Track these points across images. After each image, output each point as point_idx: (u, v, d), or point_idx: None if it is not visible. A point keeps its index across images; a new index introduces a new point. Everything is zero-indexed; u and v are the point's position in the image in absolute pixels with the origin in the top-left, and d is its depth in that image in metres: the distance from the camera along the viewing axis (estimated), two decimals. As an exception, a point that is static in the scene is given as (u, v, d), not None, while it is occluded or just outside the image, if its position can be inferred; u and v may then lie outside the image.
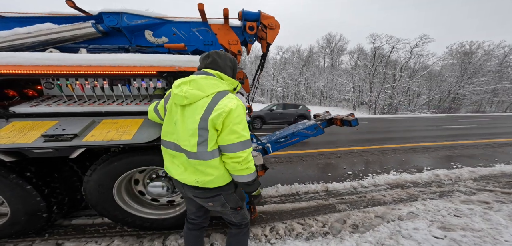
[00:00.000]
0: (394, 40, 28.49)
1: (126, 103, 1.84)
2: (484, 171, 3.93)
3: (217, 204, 1.23)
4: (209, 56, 1.17)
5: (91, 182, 1.77)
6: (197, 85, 1.06)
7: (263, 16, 2.38)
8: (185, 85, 1.06)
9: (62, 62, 1.57)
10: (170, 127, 1.16)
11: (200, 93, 1.05)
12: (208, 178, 1.10)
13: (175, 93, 1.07)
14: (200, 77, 1.09)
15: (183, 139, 1.07)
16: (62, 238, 2.04)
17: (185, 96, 1.04)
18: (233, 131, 1.04)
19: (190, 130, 1.04)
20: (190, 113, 1.05)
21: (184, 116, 1.07)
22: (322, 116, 3.36)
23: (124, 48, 2.31)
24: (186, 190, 1.22)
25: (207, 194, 1.18)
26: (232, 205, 1.26)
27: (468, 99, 31.55)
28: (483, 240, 1.89)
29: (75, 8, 2.05)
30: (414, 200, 2.88)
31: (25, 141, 1.42)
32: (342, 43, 40.37)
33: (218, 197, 1.20)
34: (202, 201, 1.24)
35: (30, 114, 1.66)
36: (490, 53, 30.77)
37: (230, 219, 1.36)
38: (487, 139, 7.55)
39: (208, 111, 1.02)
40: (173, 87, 1.10)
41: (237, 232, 1.39)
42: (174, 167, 1.19)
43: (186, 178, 1.14)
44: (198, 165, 1.08)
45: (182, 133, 1.07)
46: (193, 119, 1.04)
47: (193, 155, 1.07)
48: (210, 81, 1.09)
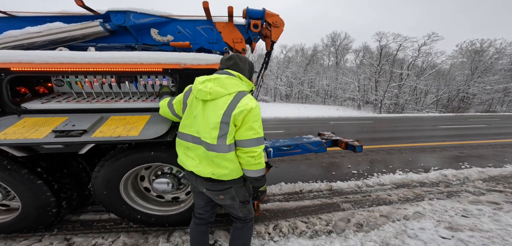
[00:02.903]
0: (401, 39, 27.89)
1: (133, 100, 1.87)
2: (494, 172, 3.82)
3: (227, 197, 1.28)
4: (231, 59, 1.26)
5: (99, 177, 1.82)
6: (221, 83, 1.15)
7: (267, 14, 2.37)
8: (209, 82, 1.15)
9: (73, 60, 1.61)
10: (189, 120, 1.23)
11: (223, 91, 1.13)
12: (223, 171, 1.17)
13: (199, 89, 1.15)
14: (224, 76, 1.19)
15: (203, 132, 1.15)
16: (70, 233, 2.09)
17: (209, 92, 1.12)
18: (251, 128, 1.12)
19: (212, 123, 1.11)
20: (212, 108, 1.13)
21: (205, 111, 1.15)
22: (328, 136, 3.43)
23: (130, 46, 2.35)
24: (198, 183, 1.27)
25: (219, 187, 1.23)
26: (241, 198, 1.32)
27: (478, 98, 30.63)
28: (491, 241, 1.85)
29: (84, 7, 2.10)
30: (420, 200, 2.83)
31: (36, 136, 1.46)
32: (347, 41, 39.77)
33: (229, 190, 1.25)
34: (213, 194, 1.29)
35: (41, 110, 1.71)
36: (502, 51, 29.72)
37: (237, 213, 1.41)
38: (498, 139, 7.33)
39: (231, 108, 1.10)
40: (197, 83, 1.17)
41: (242, 226, 1.45)
42: (189, 159, 1.25)
43: (202, 170, 1.20)
44: (215, 157, 1.15)
45: (203, 126, 1.15)
46: (215, 114, 1.11)
47: (212, 147, 1.13)
48: (232, 81, 1.18)
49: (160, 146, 1.80)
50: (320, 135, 3.71)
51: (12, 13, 2.23)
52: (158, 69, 1.69)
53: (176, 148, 1.35)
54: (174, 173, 2.11)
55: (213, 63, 1.75)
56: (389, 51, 29.43)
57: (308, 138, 3.40)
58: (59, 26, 2.11)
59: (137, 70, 1.68)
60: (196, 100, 1.20)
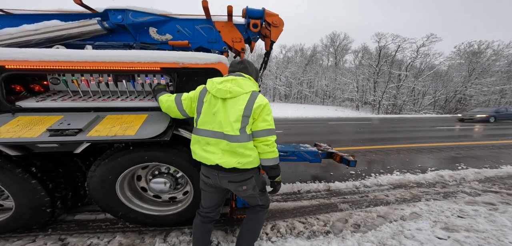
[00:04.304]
0: (400, 40, 28.07)
1: (130, 99, 1.86)
2: (490, 172, 3.86)
3: (249, 187, 1.42)
4: (242, 63, 1.46)
5: (94, 177, 1.80)
6: (238, 83, 1.33)
7: (267, 14, 2.37)
8: (227, 83, 1.32)
9: (69, 58, 1.59)
10: (207, 117, 1.35)
11: (241, 90, 1.31)
12: (247, 159, 1.31)
13: (218, 88, 1.30)
14: (240, 78, 1.37)
15: (225, 125, 1.29)
16: (65, 233, 2.07)
17: (229, 91, 1.29)
18: (265, 120, 1.32)
19: (234, 117, 1.27)
20: (233, 104, 1.29)
21: (226, 108, 1.30)
22: (324, 148, 3.51)
23: (128, 45, 2.33)
24: (221, 177, 1.37)
25: (243, 177, 1.37)
26: (260, 187, 1.49)
27: (475, 100, 30.93)
28: (487, 241, 1.86)
29: (82, 5, 2.08)
30: (417, 200, 2.84)
31: (30, 135, 1.44)
32: (347, 42, 39.95)
33: (251, 180, 1.40)
34: (236, 186, 1.40)
35: (36, 109, 1.69)
36: (499, 53, 30.05)
37: (257, 202, 1.55)
38: (494, 140, 7.40)
39: (251, 103, 1.29)
40: (215, 84, 1.33)
41: (260, 210, 1.60)
42: (209, 154, 1.34)
43: (227, 161, 1.30)
44: (239, 147, 1.29)
45: (225, 120, 1.29)
46: (236, 109, 1.28)
47: (235, 138, 1.28)
48: (247, 82, 1.37)
49: (157, 145, 1.79)
50: (316, 145, 3.79)
51: (8, 11, 2.21)
52: (156, 68, 1.68)
53: (191, 146, 1.44)
54: (171, 173, 2.10)
55: (211, 62, 1.73)
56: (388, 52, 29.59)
57: (305, 147, 3.48)
58: (56, 24, 2.09)
59: (135, 69, 1.67)
60: (215, 99, 1.33)
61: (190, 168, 1.88)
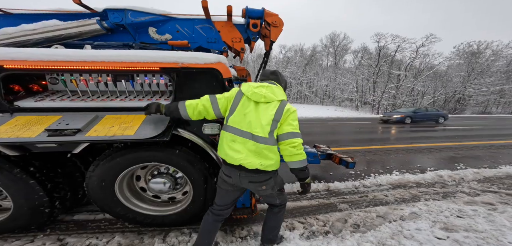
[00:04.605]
0: (400, 40, 28.11)
1: (130, 99, 1.85)
2: (489, 172, 3.87)
3: (269, 186, 1.51)
4: (275, 73, 1.61)
5: (93, 177, 1.79)
6: (272, 90, 1.45)
7: (267, 14, 2.37)
8: (263, 89, 1.44)
9: (68, 58, 1.58)
10: (238, 117, 1.44)
11: (273, 97, 1.43)
12: (269, 162, 1.41)
13: (254, 92, 1.43)
14: (274, 85, 1.50)
15: (255, 127, 1.38)
16: (63, 234, 2.06)
17: (264, 96, 1.41)
18: (290, 124, 1.41)
19: (266, 121, 1.38)
20: (264, 109, 1.41)
21: (257, 111, 1.41)
22: (323, 149, 3.50)
23: (128, 45, 2.32)
24: (242, 177, 1.44)
25: (263, 178, 1.46)
26: (278, 186, 1.59)
27: (474, 100, 31.01)
28: (486, 241, 1.86)
29: (81, 4, 2.07)
30: (416, 200, 2.85)
31: (29, 135, 1.44)
32: (346, 42, 39.96)
33: (270, 180, 1.50)
34: (256, 186, 1.49)
35: (34, 109, 1.68)
36: (498, 53, 30.12)
37: (275, 201, 1.66)
38: (493, 140, 7.42)
39: (281, 110, 1.40)
40: (252, 87, 1.45)
41: (278, 211, 1.72)
42: (235, 152, 1.41)
43: (251, 162, 1.38)
44: (265, 149, 1.39)
45: (255, 122, 1.39)
46: (268, 113, 1.39)
47: (264, 139, 1.38)
48: (279, 90, 1.50)
49: (157, 145, 1.78)
50: (316, 146, 3.79)
51: (7, 10, 2.20)
52: (155, 68, 1.67)
53: (219, 141, 1.54)
54: (171, 173, 2.10)
55: (211, 62, 1.73)
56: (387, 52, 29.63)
57: (304, 148, 3.47)
58: (54, 23, 2.08)
59: (134, 69, 1.66)
60: (248, 101, 1.44)
61: (190, 168, 1.88)
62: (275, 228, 1.80)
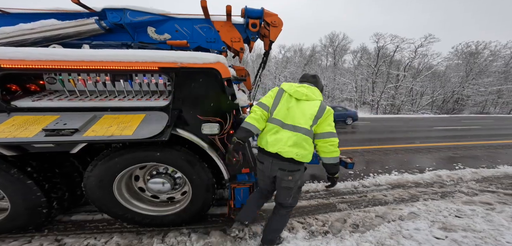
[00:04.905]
0: (399, 40, 28.18)
1: (128, 99, 1.84)
2: (487, 172, 3.89)
3: (294, 179, 1.65)
4: (314, 77, 1.79)
5: (91, 177, 1.78)
6: (312, 91, 1.66)
7: (266, 14, 2.36)
8: (303, 89, 1.64)
9: (65, 58, 1.58)
10: (282, 111, 1.63)
11: (313, 96, 1.63)
12: (305, 152, 1.58)
13: (297, 90, 1.64)
14: (313, 87, 1.70)
15: (299, 119, 1.57)
16: (61, 234, 2.05)
17: (305, 94, 1.61)
18: (330, 124, 1.61)
19: (309, 115, 1.57)
20: (306, 105, 1.60)
21: (299, 107, 1.61)
22: None
23: (126, 44, 2.31)
24: (273, 165, 1.63)
25: (293, 168, 1.61)
26: (300, 184, 1.73)
27: (472, 100, 31.13)
28: (484, 241, 1.87)
29: (79, 4, 2.06)
30: (415, 200, 2.86)
31: (26, 135, 1.43)
32: (346, 42, 39.95)
33: (298, 172, 1.65)
34: (284, 174, 1.62)
35: (32, 108, 1.67)
36: (496, 53, 30.25)
37: (288, 199, 1.73)
38: (491, 140, 7.46)
39: (322, 109, 1.59)
40: (294, 86, 1.66)
41: (285, 213, 1.81)
42: (276, 141, 1.59)
43: (288, 151, 1.55)
44: (303, 140, 1.56)
45: (299, 116, 1.58)
46: (311, 110, 1.58)
47: (305, 130, 1.56)
48: (317, 92, 1.69)
49: (155, 145, 1.77)
50: None
51: (4, 10, 2.18)
52: (154, 68, 1.67)
53: (262, 132, 1.69)
54: (170, 173, 2.09)
55: (210, 62, 1.73)
56: (386, 53, 29.69)
57: None
58: (52, 23, 2.07)
59: (133, 69, 1.65)
60: (290, 97, 1.64)
61: (189, 168, 1.87)
62: (277, 230, 1.87)
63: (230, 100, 1.82)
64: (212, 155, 1.89)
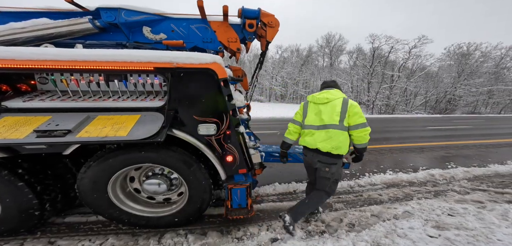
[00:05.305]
0: (393, 41, 28.58)
1: (123, 99, 1.82)
2: (478, 171, 3.98)
3: (331, 170, 1.99)
4: (334, 81, 2.17)
5: (85, 179, 1.75)
6: (331, 93, 2.00)
7: (263, 14, 2.36)
8: (324, 94, 2.01)
9: (58, 57, 1.54)
10: (311, 117, 2.05)
11: (334, 97, 1.96)
12: (338, 144, 1.89)
13: (319, 98, 2.02)
14: (332, 90, 2.06)
15: (328, 119, 1.92)
16: (55, 236, 2.01)
17: (326, 98, 1.98)
18: (360, 116, 1.89)
19: (334, 113, 1.90)
20: (330, 106, 1.95)
21: (325, 109, 1.96)
22: None
23: (121, 44, 2.28)
24: (314, 157, 2.02)
25: (330, 161, 1.96)
26: (336, 176, 2.05)
27: (464, 100, 31.82)
28: (476, 239, 1.91)
29: (72, 3, 2.02)
30: (409, 199, 2.91)
31: (16, 136, 1.39)
32: (342, 43, 40.37)
33: (336, 165, 1.99)
34: (322, 166, 1.99)
35: (22, 109, 1.63)
36: (487, 54, 30.99)
37: (325, 187, 2.06)
38: (482, 140, 7.65)
39: (345, 104, 1.91)
40: (316, 96, 2.06)
41: (324, 194, 2.10)
42: (312, 140, 1.99)
43: (325, 146, 1.91)
44: (335, 134, 1.89)
45: (325, 116, 1.94)
46: (335, 108, 1.91)
47: (334, 125, 1.89)
48: (336, 92, 2.01)
49: (151, 146, 1.75)
50: None
51: (-6, 7, 2.12)
52: (149, 68, 1.65)
53: (301, 135, 2.18)
54: (166, 174, 2.07)
55: (206, 62, 1.71)
56: (381, 53, 30.08)
57: (299, 148, 3.50)
58: (44, 22, 2.02)
59: (127, 69, 1.63)
60: (315, 105, 2.05)
61: (185, 169, 1.86)
62: (309, 206, 2.12)
63: (226, 101, 1.82)
64: (209, 156, 1.88)
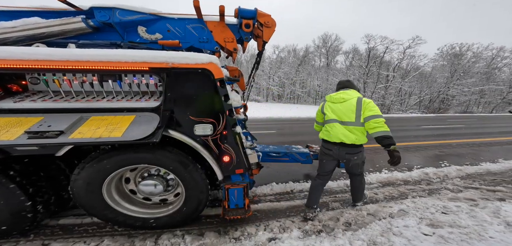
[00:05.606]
0: (388, 41, 28.98)
1: (117, 100, 1.79)
2: (471, 169, 4.06)
3: (359, 157, 2.26)
4: (349, 81, 2.36)
5: (79, 180, 1.72)
6: (347, 93, 2.20)
7: (259, 14, 2.36)
8: (340, 94, 2.22)
9: (49, 57, 1.51)
10: (330, 114, 2.24)
11: (349, 97, 2.16)
12: (357, 136, 2.11)
13: (336, 98, 2.23)
14: (348, 90, 2.27)
15: (345, 116, 2.14)
16: (48, 239, 1.98)
17: (342, 98, 2.18)
18: (371, 110, 2.06)
19: (350, 111, 2.11)
20: (347, 105, 2.14)
21: (343, 107, 2.16)
22: (315, 149, 3.64)
23: (116, 44, 2.25)
24: (340, 150, 2.21)
25: (356, 150, 2.20)
26: (363, 159, 2.35)
27: (457, 100, 32.48)
28: (469, 236, 1.95)
29: (65, 2, 1.99)
30: (404, 197, 2.95)
31: (7, 137, 1.36)
32: (338, 43, 40.68)
33: (361, 153, 2.26)
34: (351, 155, 2.21)
35: (13, 110, 1.60)
36: (478, 55, 31.71)
37: (357, 170, 2.36)
38: (474, 138, 7.81)
39: (360, 102, 2.11)
40: (333, 96, 2.28)
41: (360, 179, 2.48)
42: (334, 134, 2.18)
43: (348, 138, 2.11)
44: (354, 129, 2.11)
45: (343, 113, 2.15)
46: (350, 108, 2.12)
47: (351, 123, 2.11)
48: (352, 92, 2.21)
49: (146, 147, 1.73)
50: (308, 147, 3.84)
51: (-18, 6, 2.06)
52: (144, 68, 1.63)
53: (322, 129, 2.38)
54: (162, 175, 2.05)
55: (202, 62, 1.70)
56: (376, 54, 30.45)
57: (297, 148, 3.53)
58: (36, 21, 1.98)
59: (121, 69, 1.61)
60: (333, 103, 2.25)
61: (182, 170, 1.84)
62: (360, 189, 2.52)
63: (223, 101, 1.81)
64: (206, 156, 1.87)
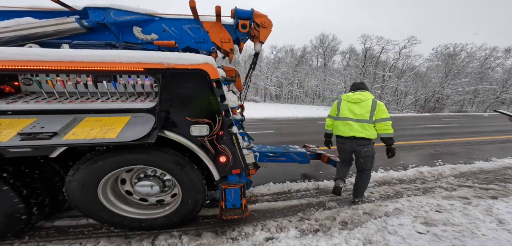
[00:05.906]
0: (384, 41, 29.28)
1: (112, 100, 1.77)
2: (464, 168, 4.13)
3: (368, 149, 2.50)
4: (363, 83, 2.63)
5: (73, 182, 1.71)
6: (363, 95, 2.47)
7: (256, 15, 2.37)
8: (357, 95, 2.49)
9: (43, 58, 1.49)
10: (345, 111, 2.53)
11: (365, 98, 2.44)
12: (370, 132, 2.42)
13: (352, 97, 2.51)
14: (364, 91, 2.52)
15: (360, 114, 2.42)
16: (43, 240, 1.96)
17: (359, 98, 2.46)
18: (384, 113, 2.39)
19: (365, 111, 2.41)
20: (362, 105, 2.43)
21: (358, 106, 2.46)
22: (312, 149, 3.63)
23: (111, 44, 2.23)
24: (353, 143, 2.51)
25: (365, 143, 2.47)
26: (372, 153, 2.55)
27: (451, 99, 32.96)
28: (462, 234, 1.99)
29: (58, 2, 1.96)
30: (399, 196, 2.98)
31: (0, 139, 1.33)
32: (335, 43, 40.95)
33: (370, 145, 2.50)
34: (361, 147, 2.48)
35: (6, 111, 1.57)
36: (472, 55, 32.23)
37: (366, 165, 2.58)
38: (468, 137, 7.95)
39: (374, 104, 2.41)
40: (350, 95, 2.54)
41: (366, 175, 2.66)
42: (347, 130, 2.49)
43: (359, 132, 2.42)
44: (366, 126, 2.41)
45: (358, 112, 2.43)
46: (366, 107, 2.41)
47: (365, 120, 2.41)
48: (367, 94, 2.49)
49: (142, 148, 1.72)
50: (305, 146, 3.86)
51: (-26, 5, 2.02)
52: (139, 69, 1.61)
53: (336, 125, 2.66)
54: (158, 176, 2.04)
55: (198, 63, 1.70)
56: (373, 54, 30.73)
57: (294, 148, 3.55)
58: (29, 21, 1.95)
59: (116, 70, 1.59)
60: (349, 103, 2.52)
61: (178, 171, 1.84)
62: (363, 186, 2.69)
63: (219, 101, 1.81)
64: (202, 157, 1.86)
